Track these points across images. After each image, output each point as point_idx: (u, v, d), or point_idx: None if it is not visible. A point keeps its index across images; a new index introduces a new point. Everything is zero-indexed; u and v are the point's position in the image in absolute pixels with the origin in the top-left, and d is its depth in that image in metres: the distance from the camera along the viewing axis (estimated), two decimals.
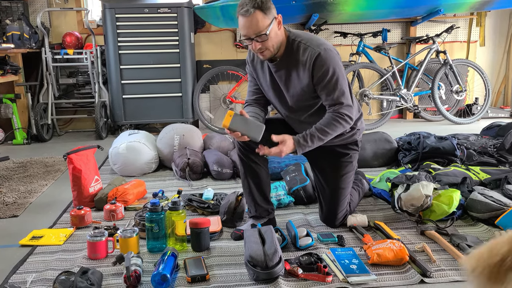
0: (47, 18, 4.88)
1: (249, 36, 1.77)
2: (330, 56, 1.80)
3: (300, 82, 1.86)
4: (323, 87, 1.83)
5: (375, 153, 3.13)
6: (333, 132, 1.85)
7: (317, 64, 1.79)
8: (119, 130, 4.68)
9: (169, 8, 4.40)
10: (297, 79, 1.87)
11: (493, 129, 3.57)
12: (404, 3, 4.32)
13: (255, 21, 1.73)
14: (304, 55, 1.81)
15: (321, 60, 1.79)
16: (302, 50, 1.82)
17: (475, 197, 2.13)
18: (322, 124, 1.84)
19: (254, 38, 1.77)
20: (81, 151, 2.50)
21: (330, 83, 1.82)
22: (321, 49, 1.80)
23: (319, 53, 1.79)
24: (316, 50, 1.80)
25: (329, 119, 1.85)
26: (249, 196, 2.05)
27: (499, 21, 5.36)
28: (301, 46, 1.83)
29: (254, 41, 1.78)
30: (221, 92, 4.90)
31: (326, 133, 1.84)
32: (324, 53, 1.79)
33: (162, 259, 1.67)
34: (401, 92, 4.63)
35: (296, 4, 4.10)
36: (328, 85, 1.82)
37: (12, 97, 4.33)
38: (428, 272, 1.64)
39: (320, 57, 1.79)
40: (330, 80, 1.81)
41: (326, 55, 1.79)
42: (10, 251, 1.98)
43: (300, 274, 1.64)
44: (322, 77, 1.81)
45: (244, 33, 1.78)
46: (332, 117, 1.84)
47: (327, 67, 1.79)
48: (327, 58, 1.79)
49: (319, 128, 1.84)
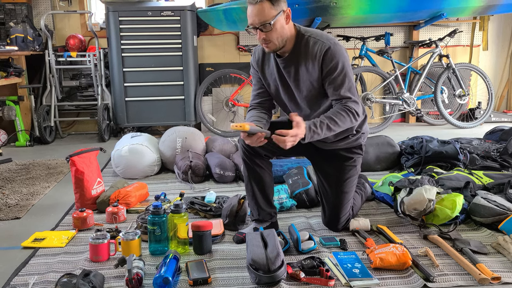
0: (51, 20, 4.90)
1: (254, 24, 1.78)
2: (340, 50, 1.82)
3: (310, 76, 1.86)
4: (331, 80, 1.82)
5: (377, 157, 3.12)
6: (341, 123, 1.80)
7: (327, 58, 1.80)
8: (121, 133, 4.68)
9: (172, 11, 4.41)
10: (306, 73, 1.86)
11: (496, 134, 3.56)
12: (407, 7, 4.32)
13: (261, 10, 1.74)
14: (314, 48, 1.82)
15: (331, 53, 1.80)
16: (312, 43, 1.83)
17: (478, 201, 2.12)
18: (331, 113, 1.81)
19: (259, 27, 1.77)
20: (83, 153, 2.50)
21: (339, 77, 1.82)
22: (331, 43, 1.81)
23: (329, 46, 1.80)
24: (326, 44, 1.81)
25: (338, 110, 1.82)
26: (252, 200, 2.05)
27: (502, 25, 5.35)
28: (311, 40, 1.84)
29: (258, 30, 1.78)
30: (223, 95, 4.90)
31: (335, 122, 1.78)
32: (334, 47, 1.80)
33: (164, 262, 1.67)
34: (403, 96, 4.63)
35: (299, 7, 4.10)
36: (337, 79, 1.82)
37: (15, 99, 4.35)
38: (431, 276, 1.63)
39: (330, 50, 1.80)
40: (339, 74, 1.81)
41: (336, 49, 1.81)
42: (12, 253, 1.98)
43: (302, 278, 1.64)
44: (331, 71, 1.81)
45: (250, 21, 1.78)
46: (340, 108, 1.82)
47: (336, 60, 1.80)
48: (336, 52, 1.80)
49: (328, 117, 1.79)
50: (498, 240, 1.89)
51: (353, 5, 4.19)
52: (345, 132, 1.96)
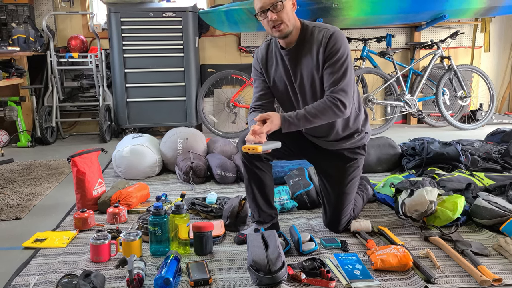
0: (53, 21, 4.91)
1: (265, 7, 1.79)
2: (343, 38, 1.86)
3: (314, 64, 1.87)
4: (329, 65, 1.84)
5: (379, 158, 3.12)
6: (323, 116, 1.83)
7: (331, 40, 1.83)
8: (123, 134, 4.70)
9: (174, 12, 4.42)
10: (311, 62, 1.88)
11: (497, 135, 3.55)
12: (408, 8, 4.32)
13: None
14: (320, 35, 1.86)
15: (335, 37, 1.84)
16: (317, 32, 1.87)
17: (479, 203, 2.12)
18: (314, 106, 1.84)
19: (270, 8, 1.78)
20: (85, 154, 2.51)
21: (337, 63, 1.83)
22: (336, 30, 1.86)
23: (334, 31, 1.85)
24: (331, 30, 1.86)
25: (322, 103, 1.83)
26: (253, 202, 2.05)
27: (504, 27, 5.35)
28: (316, 29, 1.88)
29: (269, 11, 1.79)
30: (225, 96, 4.91)
31: (314, 115, 1.81)
32: (338, 33, 1.85)
33: (165, 262, 1.67)
34: (405, 97, 4.63)
35: (301, 9, 4.11)
36: (335, 65, 1.83)
37: (17, 99, 4.36)
38: (432, 278, 1.63)
39: (334, 34, 1.84)
40: (338, 60, 1.83)
41: (340, 35, 1.85)
42: (13, 253, 1.98)
43: (303, 279, 1.64)
44: (332, 54, 1.83)
45: (260, 5, 1.80)
46: (325, 101, 1.83)
47: (339, 45, 1.83)
48: (340, 37, 1.85)
49: (309, 109, 1.83)
50: (499, 242, 1.89)
51: (354, 7, 4.20)
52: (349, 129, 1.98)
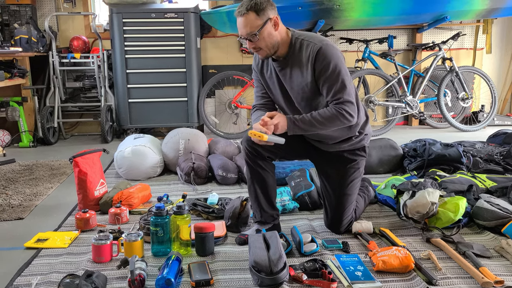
0: (55, 22, 4.92)
1: (243, 35, 1.86)
2: (332, 51, 1.82)
3: (304, 79, 1.87)
4: (324, 80, 1.83)
5: (380, 160, 3.12)
6: (329, 123, 1.83)
7: (318, 58, 1.81)
8: (124, 134, 4.70)
9: (175, 13, 4.43)
10: (301, 77, 1.88)
11: (499, 137, 3.55)
12: (410, 10, 4.32)
13: (247, 22, 1.82)
14: (307, 51, 1.84)
15: (322, 53, 1.81)
16: (305, 46, 1.86)
17: (481, 205, 2.12)
18: (320, 112, 1.84)
19: (247, 38, 1.85)
20: (87, 154, 2.51)
21: (332, 76, 1.82)
22: (323, 44, 1.82)
23: (320, 47, 1.81)
24: (317, 45, 1.82)
25: (328, 110, 1.83)
26: (255, 202, 2.05)
27: (506, 28, 5.34)
28: (304, 43, 1.86)
29: (248, 40, 1.86)
30: (226, 97, 4.91)
31: (320, 122, 1.82)
32: (326, 48, 1.82)
33: (166, 263, 1.67)
34: (406, 98, 4.63)
35: (303, 10, 4.11)
36: (330, 79, 1.82)
37: (19, 100, 4.37)
38: (434, 280, 1.63)
39: (321, 50, 1.81)
40: (331, 74, 1.81)
41: (328, 49, 1.81)
42: (15, 253, 1.99)
43: (305, 280, 1.64)
44: (323, 71, 1.82)
45: (239, 32, 1.87)
46: (331, 109, 1.83)
47: (328, 60, 1.81)
48: (328, 52, 1.81)
49: (315, 115, 1.83)
50: (501, 243, 1.89)
51: (356, 8, 4.20)
52: (346, 132, 1.97)
